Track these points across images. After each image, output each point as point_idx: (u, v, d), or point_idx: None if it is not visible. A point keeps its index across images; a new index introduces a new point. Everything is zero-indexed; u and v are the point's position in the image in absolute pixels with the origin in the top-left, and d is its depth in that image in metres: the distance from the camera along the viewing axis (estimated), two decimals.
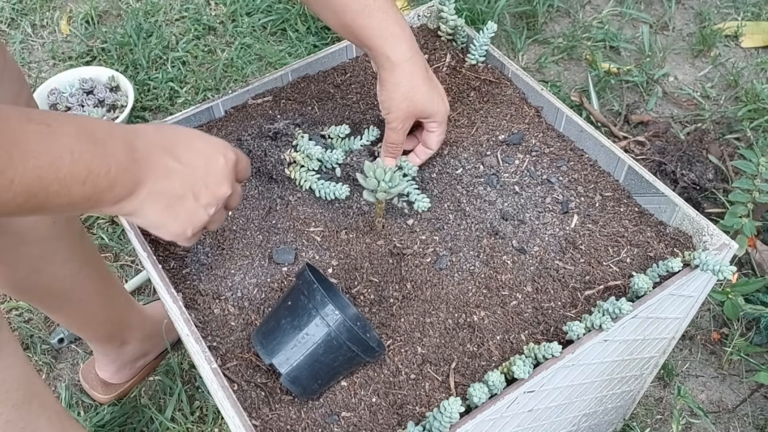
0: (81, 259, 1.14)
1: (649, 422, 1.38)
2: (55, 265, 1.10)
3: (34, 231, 1.03)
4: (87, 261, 1.16)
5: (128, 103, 1.86)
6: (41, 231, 1.04)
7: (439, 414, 0.74)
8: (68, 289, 1.15)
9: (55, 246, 1.07)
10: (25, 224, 1.02)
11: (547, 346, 0.79)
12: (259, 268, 0.93)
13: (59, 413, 0.94)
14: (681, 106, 1.93)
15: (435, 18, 1.21)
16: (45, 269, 1.09)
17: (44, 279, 1.10)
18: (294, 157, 1.00)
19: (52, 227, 1.05)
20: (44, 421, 0.89)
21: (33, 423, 0.88)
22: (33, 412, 0.87)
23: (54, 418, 0.91)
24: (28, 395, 0.87)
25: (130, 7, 2.25)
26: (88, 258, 1.17)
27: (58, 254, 1.09)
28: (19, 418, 0.85)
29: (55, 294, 1.14)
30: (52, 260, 1.09)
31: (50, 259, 1.08)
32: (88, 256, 1.16)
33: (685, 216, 0.93)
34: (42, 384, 0.92)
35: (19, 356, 0.86)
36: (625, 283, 0.90)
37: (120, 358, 1.38)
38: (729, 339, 1.46)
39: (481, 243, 0.94)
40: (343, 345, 0.78)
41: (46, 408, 0.90)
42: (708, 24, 2.11)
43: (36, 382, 0.90)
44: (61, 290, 1.14)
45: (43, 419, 0.89)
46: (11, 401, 0.84)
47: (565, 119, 1.06)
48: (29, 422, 0.87)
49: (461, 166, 1.03)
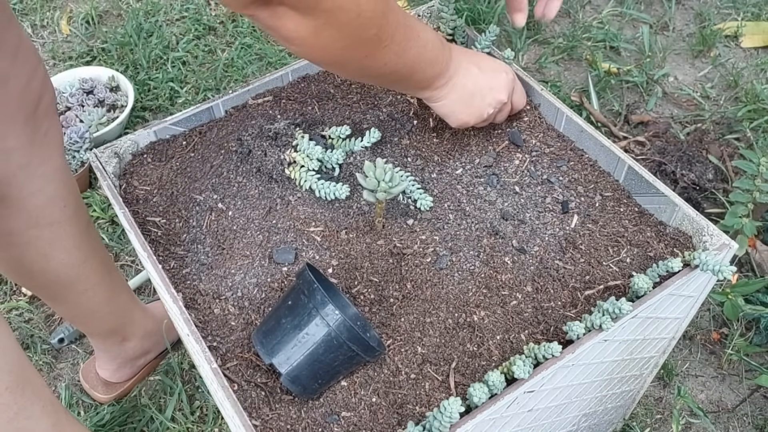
0: (88, 249, 1.15)
1: (649, 422, 1.38)
2: (63, 252, 1.10)
3: (46, 214, 1.04)
4: (94, 251, 1.17)
5: (128, 103, 1.86)
6: (54, 214, 1.05)
7: (439, 414, 0.74)
8: (74, 278, 1.15)
9: (65, 231, 1.08)
10: (38, 206, 1.03)
11: (547, 346, 0.79)
12: (259, 268, 0.93)
13: (54, 404, 0.93)
14: (681, 107, 1.93)
15: (435, 18, 1.21)
16: (54, 255, 1.10)
17: (52, 265, 1.11)
18: (294, 158, 1.00)
19: (63, 210, 1.06)
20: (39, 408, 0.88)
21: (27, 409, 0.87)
22: (27, 398, 0.86)
23: (49, 407, 0.91)
24: (21, 380, 0.86)
25: (130, 7, 2.25)
26: (95, 249, 1.18)
27: (67, 240, 1.10)
28: (13, 401, 0.84)
29: (60, 282, 1.15)
30: (62, 246, 1.09)
31: (60, 244, 1.09)
32: (94, 247, 1.17)
33: (685, 216, 0.93)
34: (36, 374, 0.91)
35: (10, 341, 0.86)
36: (625, 283, 0.90)
37: (120, 355, 1.38)
38: (729, 339, 1.46)
39: (481, 243, 0.94)
40: (343, 344, 0.78)
41: (40, 397, 0.89)
42: (708, 24, 2.11)
43: (29, 370, 0.89)
44: (67, 279, 1.15)
45: (38, 406, 0.88)
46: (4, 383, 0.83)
47: (565, 119, 1.06)
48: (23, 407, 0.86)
49: (461, 166, 1.03)
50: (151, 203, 1.01)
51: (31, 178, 1.00)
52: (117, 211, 0.96)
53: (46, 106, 1.00)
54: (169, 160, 1.05)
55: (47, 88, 1.00)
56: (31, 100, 0.96)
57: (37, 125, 0.98)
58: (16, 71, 0.93)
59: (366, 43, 0.78)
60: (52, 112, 1.02)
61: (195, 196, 1.00)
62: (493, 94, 0.98)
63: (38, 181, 1.01)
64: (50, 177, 1.02)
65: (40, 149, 1.00)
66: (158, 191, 1.02)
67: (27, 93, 0.96)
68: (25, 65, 0.95)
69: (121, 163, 1.05)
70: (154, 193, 1.02)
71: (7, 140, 0.95)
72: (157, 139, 1.08)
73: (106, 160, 1.03)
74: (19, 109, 0.95)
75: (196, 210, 0.99)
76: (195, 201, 1.00)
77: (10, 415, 0.84)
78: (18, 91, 0.94)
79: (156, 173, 1.04)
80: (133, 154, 1.06)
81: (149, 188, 1.03)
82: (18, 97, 0.94)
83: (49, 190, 1.03)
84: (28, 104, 0.96)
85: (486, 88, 0.97)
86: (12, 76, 0.93)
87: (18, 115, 0.95)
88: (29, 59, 0.96)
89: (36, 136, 0.99)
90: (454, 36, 1.19)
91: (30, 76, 0.96)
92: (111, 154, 1.04)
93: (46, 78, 1.00)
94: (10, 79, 0.93)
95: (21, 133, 0.96)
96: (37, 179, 1.01)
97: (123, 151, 1.05)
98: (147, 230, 0.97)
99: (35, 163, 1.00)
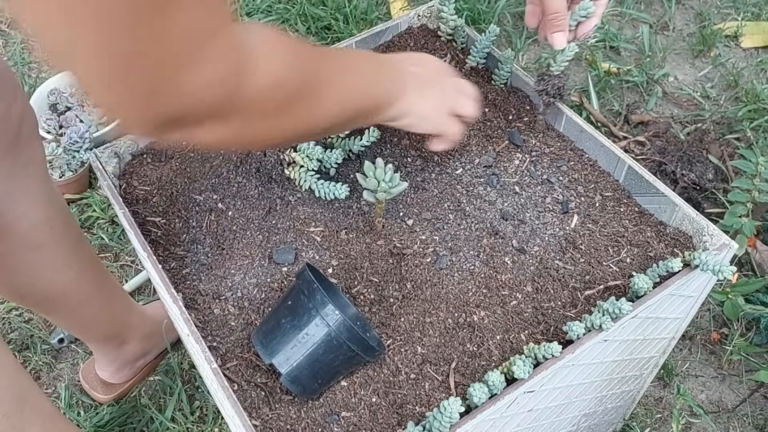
0: (79, 264, 1.13)
1: (649, 422, 1.38)
2: (53, 272, 1.09)
3: (33, 237, 1.02)
4: (85, 266, 1.15)
5: None
6: (40, 237, 1.03)
7: (439, 414, 0.74)
8: (66, 294, 1.14)
9: (53, 252, 1.07)
10: (24, 230, 1.01)
11: (547, 346, 0.79)
12: (259, 268, 0.93)
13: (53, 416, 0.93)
14: (681, 106, 1.93)
15: (435, 18, 1.21)
16: (43, 275, 1.08)
17: (42, 284, 1.10)
18: (293, 158, 1.00)
19: (50, 232, 1.04)
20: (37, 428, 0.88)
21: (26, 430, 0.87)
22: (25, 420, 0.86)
23: (48, 423, 0.90)
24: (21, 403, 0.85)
25: None
26: (86, 262, 1.16)
27: (56, 260, 1.08)
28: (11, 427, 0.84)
29: (53, 299, 1.14)
30: (51, 266, 1.08)
31: (49, 265, 1.07)
32: (86, 260, 1.16)
33: (685, 216, 0.93)
34: (33, 387, 0.90)
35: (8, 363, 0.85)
36: (625, 283, 0.90)
37: (120, 357, 1.38)
38: (729, 339, 1.46)
39: (481, 243, 0.94)
40: (343, 345, 0.78)
41: (38, 413, 0.89)
42: (708, 24, 2.11)
43: (27, 386, 0.88)
44: (59, 295, 1.13)
45: (37, 426, 0.88)
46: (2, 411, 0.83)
47: (565, 119, 1.06)
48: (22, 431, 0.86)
49: (461, 166, 1.03)
50: (150, 203, 1.01)
51: (15, 204, 0.98)
52: (117, 211, 0.96)
53: (27, 134, 0.96)
54: (169, 161, 1.05)
55: (27, 115, 0.96)
56: (10, 128, 0.93)
57: (18, 153, 0.95)
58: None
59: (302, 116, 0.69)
60: (33, 137, 0.98)
61: (195, 197, 1.00)
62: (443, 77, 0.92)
63: (22, 207, 0.99)
64: (34, 202, 1.00)
65: (23, 177, 0.97)
66: (158, 191, 1.02)
67: (6, 122, 0.91)
68: (4, 94, 0.91)
69: (121, 163, 1.05)
70: (154, 194, 1.02)
71: None
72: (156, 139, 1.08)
73: (106, 160, 1.03)
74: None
75: (196, 210, 0.99)
76: (195, 201, 1.00)
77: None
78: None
79: (156, 173, 1.04)
80: (133, 154, 1.06)
81: (149, 188, 1.02)
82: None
83: (33, 216, 1.01)
84: (8, 133, 0.92)
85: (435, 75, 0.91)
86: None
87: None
88: (6, 86, 0.91)
89: (16, 164, 0.95)
90: (454, 36, 1.19)
91: (9, 104, 0.92)
92: (111, 154, 1.04)
93: (25, 105, 0.96)
94: None
95: (1, 163, 0.93)
96: (21, 206, 0.98)
97: (123, 151, 1.05)
98: (147, 230, 0.97)
99: (18, 191, 0.97)
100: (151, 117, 0.56)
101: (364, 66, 0.82)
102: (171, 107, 0.56)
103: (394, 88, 0.84)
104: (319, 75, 0.70)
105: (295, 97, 0.66)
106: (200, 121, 0.58)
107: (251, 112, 0.62)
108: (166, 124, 0.57)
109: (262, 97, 0.62)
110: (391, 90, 0.83)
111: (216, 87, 0.56)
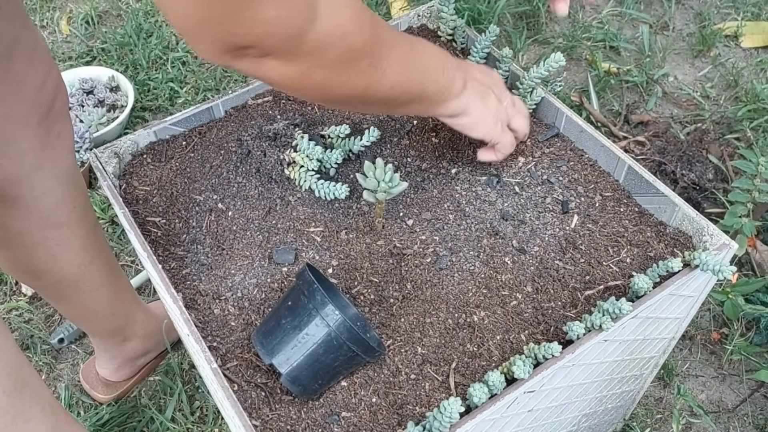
0: (94, 249, 1.15)
1: (649, 422, 1.38)
2: (71, 252, 1.11)
3: (56, 215, 1.04)
4: (99, 252, 1.17)
5: (128, 103, 1.86)
6: (63, 215, 1.05)
7: (439, 414, 0.74)
8: (80, 278, 1.16)
9: (73, 232, 1.09)
10: (49, 207, 1.03)
11: (547, 346, 0.79)
12: (259, 268, 0.93)
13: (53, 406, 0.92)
14: (681, 106, 1.93)
15: (435, 18, 1.21)
16: (61, 256, 1.10)
17: (59, 265, 1.11)
18: (293, 158, 1.00)
19: (73, 212, 1.06)
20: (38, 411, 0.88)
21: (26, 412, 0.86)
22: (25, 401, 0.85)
23: (48, 410, 0.90)
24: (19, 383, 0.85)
25: (130, 7, 2.25)
26: (101, 249, 1.18)
27: (75, 241, 1.10)
28: (11, 405, 0.83)
29: (66, 282, 1.15)
30: (70, 246, 1.10)
31: (68, 245, 1.09)
32: (100, 248, 1.18)
33: (685, 216, 0.93)
34: (35, 375, 0.90)
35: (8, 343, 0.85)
36: (625, 283, 0.90)
37: (121, 355, 1.38)
38: (729, 339, 1.46)
39: (481, 243, 0.94)
40: (343, 345, 0.78)
41: (39, 399, 0.88)
42: (708, 24, 2.11)
43: (28, 372, 0.88)
44: (72, 279, 1.15)
45: (37, 409, 0.87)
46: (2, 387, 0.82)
47: (565, 119, 1.06)
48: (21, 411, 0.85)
49: (461, 166, 1.03)
50: (150, 203, 1.01)
51: (43, 179, 1.00)
52: (117, 211, 0.96)
53: (59, 108, 1.00)
54: (169, 161, 1.05)
55: (61, 90, 1.00)
56: (45, 102, 0.96)
57: (50, 127, 0.98)
58: (32, 73, 0.93)
59: (362, 75, 0.73)
60: (64, 114, 1.02)
61: (195, 197, 1.00)
62: (499, 89, 0.96)
63: (49, 183, 1.01)
64: (61, 178, 1.02)
65: (53, 151, 1.00)
66: (158, 191, 1.02)
67: (41, 95, 0.95)
68: (40, 67, 0.94)
69: (121, 163, 1.05)
70: (154, 194, 1.02)
71: (21, 142, 0.95)
72: (156, 140, 1.08)
73: (106, 160, 1.03)
74: (33, 111, 0.95)
75: (196, 210, 0.99)
76: (195, 201, 1.00)
77: (8, 419, 0.83)
78: (33, 93, 0.94)
79: (156, 173, 1.04)
80: (133, 154, 1.06)
81: (149, 188, 1.03)
82: (33, 99, 0.94)
83: (59, 192, 1.03)
84: (42, 106, 0.96)
85: (491, 88, 0.94)
86: (28, 77, 0.92)
87: (32, 117, 0.95)
88: (44, 61, 0.95)
89: (49, 138, 0.98)
90: (454, 36, 1.19)
91: (44, 78, 0.95)
92: (111, 154, 1.04)
93: (59, 80, 0.99)
94: (26, 81, 0.92)
95: (34, 135, 0.96)
96: (48, 180, 1.01)
97: (123, 152, 1.05)
98: (147, 230, 0.97)
99: (47, 164, 1.00)
100: (221, 40, 0.62)
101: (431, 50, 0.84)
102: (241, 34, 0.62)
103: (457, 83, 0.87)
104: (381, 40, 0.74)
105: (356, 54, 0.70)
106: (267, 55, 0.65)
107: (314, 57, 0.67)
108: (235, 50, 0.63)
109: (326, 43, 0.67)
110: (453, 82, 0.86)
111: (285, 21, 0.62)
